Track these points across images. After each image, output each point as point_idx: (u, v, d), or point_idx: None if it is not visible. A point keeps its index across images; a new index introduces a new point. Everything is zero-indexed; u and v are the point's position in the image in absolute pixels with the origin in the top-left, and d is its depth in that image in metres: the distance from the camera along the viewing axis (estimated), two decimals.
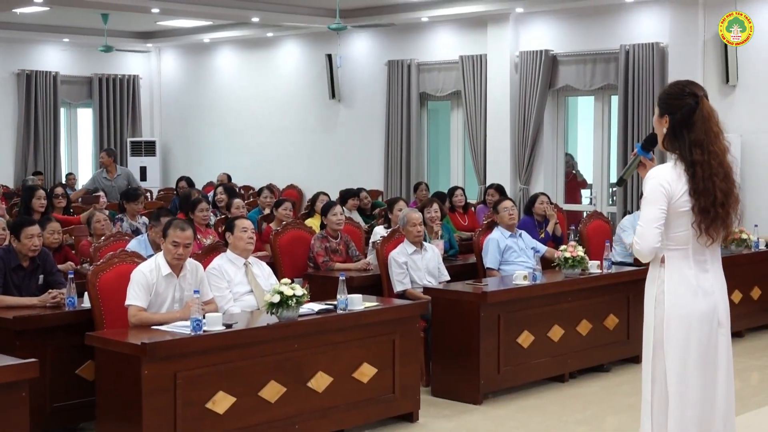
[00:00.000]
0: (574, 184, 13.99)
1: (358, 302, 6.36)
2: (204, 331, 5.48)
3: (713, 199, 4.01)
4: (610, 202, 13.16)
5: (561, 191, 13.62)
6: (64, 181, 15.68)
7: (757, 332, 9.56)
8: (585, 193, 14.11)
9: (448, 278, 8.11)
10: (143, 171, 17.77)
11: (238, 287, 6.64)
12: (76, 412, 6.24)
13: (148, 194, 14.65)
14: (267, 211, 11.10)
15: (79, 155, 18.14)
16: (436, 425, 6.62)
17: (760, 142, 11.39)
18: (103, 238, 7.93)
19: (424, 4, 13.85)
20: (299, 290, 5.79)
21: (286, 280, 5.91)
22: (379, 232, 9.10)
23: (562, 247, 8.00)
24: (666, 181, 4.04)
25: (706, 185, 4.01)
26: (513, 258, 8.44)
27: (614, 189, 13.13)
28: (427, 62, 14.60)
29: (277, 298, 5.73)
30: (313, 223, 9.77)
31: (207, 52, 17.87)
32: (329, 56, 15.45)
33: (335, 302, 6.25)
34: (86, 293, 6.23)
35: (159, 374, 5.27)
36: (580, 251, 7.83)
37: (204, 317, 5.55)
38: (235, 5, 13.79)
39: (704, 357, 4.09)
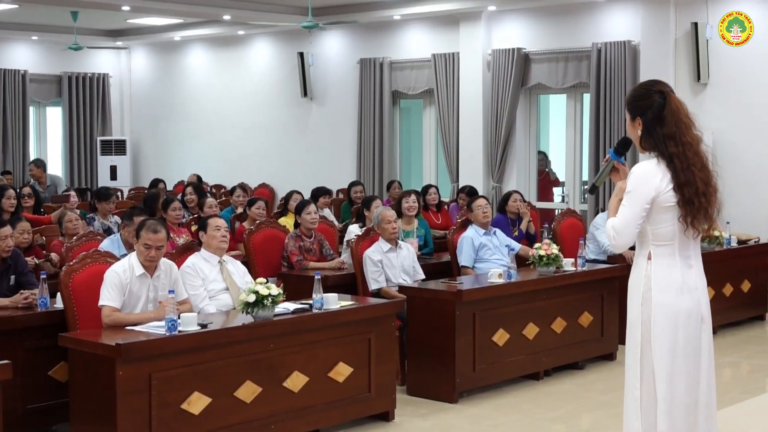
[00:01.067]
0: (546, 182, 14.02)
1: (334, 301, 6.34)
2: (179, 331, 5.45)
3: (695, 189, 4.07)
4: (583, 200, 13.21)
5: (533, 189, 13.65)
6: (32, 181, 15.51)
7: (729, 329, 9.63)
8: (557, 191, 14.15)
9: (423, 277, 8.10)
10: (113, 170, 17.63)
11: (213, 284, 6.60)
12: (49, 414, 6.17)
13: (119, 193, 14.52)
14: (240, 210, 11.06)
15: (48, 154, 17.95)
16: (411, 424, 6.61)
17: (732, 140, 11.46)
18: (75, 237, 7.86)
19: (396, 2, 13.82)
20: (275, 290, 5.78)
21: (261, 279, 5.89)
22: (354, 230, 9.08)
23: (537, 245, 8.01)
24: (651, 179, 4.07)
25: (687, 176, 4.06)
26: (487, 256, 8.45)
27: (587, 194, 13.15)
28: (400, 60, 14.58)
29: (252, 298, 5.71)
30: (287, 222, 9.73)
31: (178, 51, 17.76)
32: (301, 54, 15.40)
33: (310, 302, 6.23)
34: (59, 294, 6.18)
35: (134, 375, 5.23)
36: (554, 249, 7.85)
37: (179, 317, 5.51)
38: (206, 3, 13.70)
39: (690, 353, 4.12)
